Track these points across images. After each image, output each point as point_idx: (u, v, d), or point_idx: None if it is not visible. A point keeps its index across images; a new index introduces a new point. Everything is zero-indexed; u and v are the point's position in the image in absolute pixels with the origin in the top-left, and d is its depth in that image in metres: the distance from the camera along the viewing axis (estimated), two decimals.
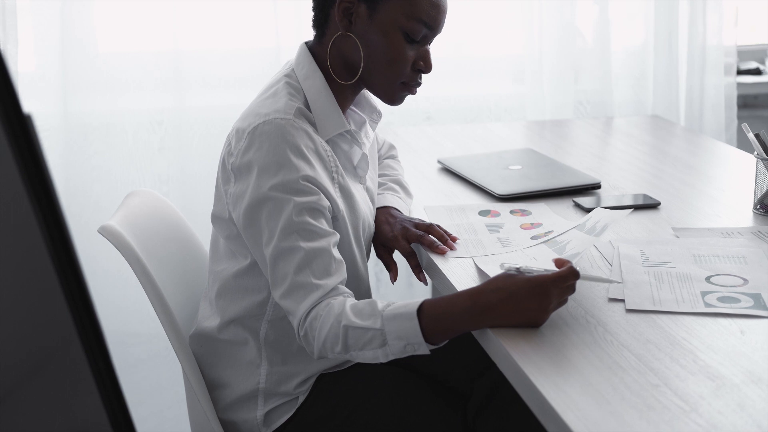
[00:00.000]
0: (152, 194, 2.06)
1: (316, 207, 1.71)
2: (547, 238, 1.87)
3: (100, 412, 0.88)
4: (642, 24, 3.27)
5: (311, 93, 1.82)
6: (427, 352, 1.61)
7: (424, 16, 1.80)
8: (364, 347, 1.63)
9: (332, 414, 1.83)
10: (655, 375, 1.41)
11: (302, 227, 1.69)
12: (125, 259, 1.80)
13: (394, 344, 1.61)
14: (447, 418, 1.86)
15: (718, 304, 1.64)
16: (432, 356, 1.98)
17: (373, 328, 1.61)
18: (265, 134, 1.72)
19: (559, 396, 1.35)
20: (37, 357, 0.92)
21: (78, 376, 0.88)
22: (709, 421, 1.29)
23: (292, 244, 1.68)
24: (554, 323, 1.58)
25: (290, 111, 1.75)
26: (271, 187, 1.69)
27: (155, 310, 1.80)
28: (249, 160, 1.72)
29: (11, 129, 0.79)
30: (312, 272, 1.67)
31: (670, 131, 2.98)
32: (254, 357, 1.83)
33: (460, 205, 2.20)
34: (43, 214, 0.82)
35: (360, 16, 1.80)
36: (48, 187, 0.81)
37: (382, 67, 1.82)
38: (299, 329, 1.67)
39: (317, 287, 1.66)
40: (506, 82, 3.28)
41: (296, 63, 1.86)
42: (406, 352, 1.62)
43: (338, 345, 1.63)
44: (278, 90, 1.81)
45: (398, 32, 1.80)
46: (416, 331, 1.59)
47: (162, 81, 2.98)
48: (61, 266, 0.83)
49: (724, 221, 2.07)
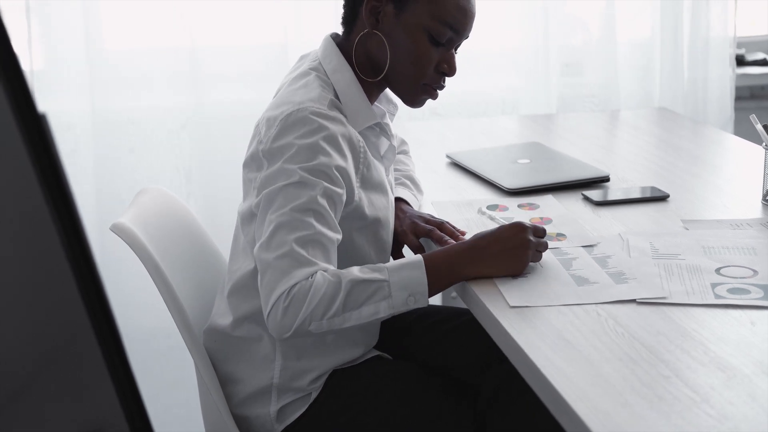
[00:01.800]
0: (162, 191, 2.07)
1: (337, 200, 1.72)
2: (558, 243, 1.88)
3: (116, 407, 0.89)
4: (648, 16, 3.27)
5: (341, 86, 1.83)
6: (425, 303, 1.70)
7: (449, 19, 1.82)
8: (366, 302, 1.65)
9: (345, 410, 1.84)
10: (666, 366, 1.41)
11: (321, 211, 1.69)
12: (137, 255, 1.81)
13: (397, 295, 1.67)
14: (458, 412, 1.86)
15: (728, 295, 1.64)
16: (444, 349, 1.99)
17: (379, 279, 1.66)
18: (299, 121, 1.73)
19: (570, 387, 1.36)
20: (52, 353, 0.92)
21: (93, 371, 0.88)
22: (720, 411, 1.29)
23: (306, 219, 1.67)
24: (565, 315, 1.58)
25: (324, 102, 1.76)
26: (303, 168, 1.69)
27: (167, 305, 1.81)
28: (281, 145, 1.72)
29: (26, 129, 0.80)
30: (312, 251, 1.66)
31: (678, 123, 2.98)
32: (269, 352, 1.83)
33: (468, 199, 2.20)
34: (57, 211, 0.82)
35: (387, 15, 1.82)
36: (63, 185, 0.82)
37: (406, 66, 1.84)
38: (281, 299, 1.63)
39: (313, 264, 1.65)
40: (513, 76, 3.28)
41: (323, 56, 1.87)
42: (407, 304, 1.68)
43: (334, 306, 1.63)
44: (309, 81, 1.81)
45: (423, 33, 1.82)
46: (422, 278, 1.68)
47: (172, 78, 2.98)
48: (76, 262, 0.83)
49: (733, 213, 2.08)
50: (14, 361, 0.92)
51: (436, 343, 2.02)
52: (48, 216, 0.82)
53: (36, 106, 0.80)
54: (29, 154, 0.80)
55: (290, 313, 1.63)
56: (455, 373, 1.97)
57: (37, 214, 0.83)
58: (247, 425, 1.86)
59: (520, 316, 1.59)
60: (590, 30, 3.25)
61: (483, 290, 1.69)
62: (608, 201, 2.15)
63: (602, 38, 3.23)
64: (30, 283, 0.90)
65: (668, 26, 3.23)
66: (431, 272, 1.69)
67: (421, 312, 2.08)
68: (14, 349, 0.92)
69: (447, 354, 1.99)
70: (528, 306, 1.62)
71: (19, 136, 0.79)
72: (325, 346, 1.84)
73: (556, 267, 1.77)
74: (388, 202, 1.90)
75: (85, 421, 0.94)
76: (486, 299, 1.65)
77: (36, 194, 0.82)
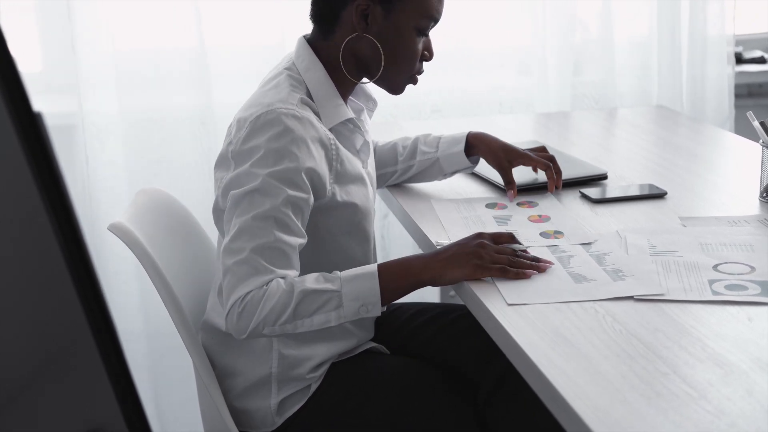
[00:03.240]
0: (161, 191, 2.07)
1: (302, 205, 1.73)
2: (555, 241, 1.89)
3: (114, 407, 0.89)
4: (646, 15, 3.27)
5: (313, 84, 1.85)
6: (378, 313, 1.71)
7: (434, 12, 1.89)
8: (316, 312, 1.68)
9: (344, 403, 1.85)
10: (663, 363, 1.42)
11: (283, 218, 1.71)
12: (135, 255, 1.81)
13: (348, 305, 1.69)
14: (458, 406, 1.87)
15: (726, 291, 1.65)
16: (442, 344, 2.00)
17: (330, 290, 1.68)
18: (267, 123, 1.74)
19: (568, 384, 1.36)
20: (51, 354, 0.92)
21: (91, 372, 0.88)
22: (718, 407, 1.29)
23: (266, 226, 1.69)
24: (562, 312, 1.59)
25: (293, 101, 1.78)
26: (269, 174, 1.71)
27: (165, 304, 1.81)
28: (250, 147, 1.74)
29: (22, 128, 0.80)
30: (269, 258, 1.68)
31: (675, 121, 2.98)
32: (266, 343, 1.85)
33: (467, 198, 2.20)
34: (55, 212, 0.82)
35: (376, 18, 1.85)
36: (60, 186, 0.82)
37: (399, 63, 1.89)
38: (236, 305, 1.67)
39: (270, 271, 1.68)
40: (512, 75, 3.29)
41: (296, 56, 1.90)
42: (359, 314, 1.70)
43: (285, 314, 1.66)
44: (280, 82, 1.83)
45: (413, 30, 1.88)
46: (375, 290, 1.69)
47: (173, 78, 2.97)
48: (74, 263, 0.84)
49: (731, 210, 2.08)
50: (12, 362, 0.92)
51: (435, 338, 2.03)
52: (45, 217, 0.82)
53: (31, 105, 0.80)
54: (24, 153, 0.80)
55: (244, 318, 1.67)
56: (454, 367, 1.98)
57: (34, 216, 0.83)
58: (248, 418, 1.86)
59: (517, 313, 1.59)
60: (589, 28, 3.25)
61: (480, 288, 1.69)
62: (606, 198, 2.15)
63: (600, 37, 3.23)
64: (27, 283, 0.90)
65: (666, 24, 3.24)
66: (386, 280, 1.71)
67: (420, 307, 2.09)
68: (12, 351, 0.92)
69: (446, 348, 2.00)
70: (525, 303, 1.62)
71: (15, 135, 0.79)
72: (320, 334, 1.85)
73: (553, 264, 1.77)
74: (368, 192, 1.92)
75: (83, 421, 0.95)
76: (484, 297, 1.65)
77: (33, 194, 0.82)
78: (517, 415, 1.85)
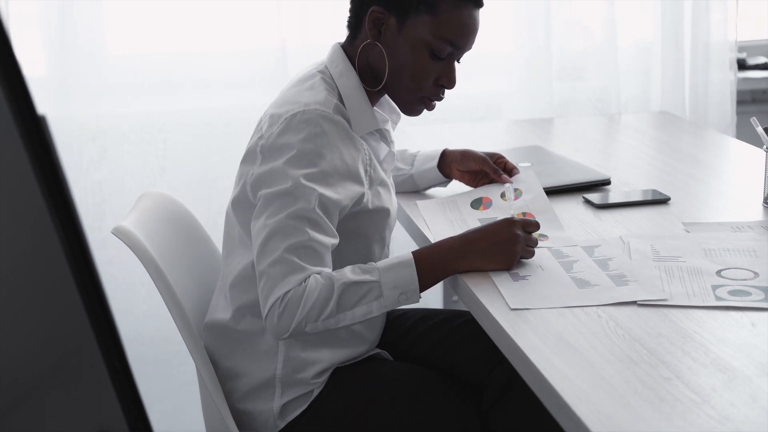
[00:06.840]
0: (164, 195, 2.07)
1: (334, 206, 1.73)
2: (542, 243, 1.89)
3: (117, 411, 0.89)
4: (649, 21, 3.27)
5: (346, 90, 1.84)
6: (417, 300, 1.74)
7: (451, 37, 1.83)
8: (358, 303, 1.69)
9: (347, 408, 1.84)
10: (667, 368, 1.41)
11: (316, 218, 1.71)
12: (138, 258, 1.81)
13: (389, 294, 1.70)
14: (462, 412, 1.87)
15: (729, 297, 1.64)
16: (446, 350, 2.00)
17: (370, 280, 1.70)
18: (304, 122, 1.74)
19: (571, 389, 1.36)
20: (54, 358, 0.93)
21: (95, 377, 0.88)
22: (722, 413, 1.29)
23: (299, 225, 1.70)
24: (566, 317, 1.58)
25: (329, 105, 1.78)
26: (303, 176, 1.71)
27: (168, 307, 1.81)
28: (282, 144, 1.74)
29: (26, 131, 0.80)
30: (304, 256, 1.69)
31: (679, 127, 2.98)
32: (272, 344, 1.84)
33: (451, 196, 2.20)
34: (58, 215, 0.82)
35: (389, 28, 1.83)
36: (63, 190, 0.82)
37: (405, 80, 1.85)
38: (276, 305, 1.67)
39: (304, 269, 1.68)
40: (514, 80, 3.29)
41: (329, 61, 1.89)
42: (399, 302, 1.72)
43: (328, 308, 1.67)
44: (315, 84, 1.83)
45: (424, 49, 1.83)
46: (413, 276, 1.72)
47: (164, 83, 2.98)
48: (77, 268, 0.84)
49: (734, 215, 2.08)
50: (18, 366, 0.92)
51: (439, 344, 2.03)
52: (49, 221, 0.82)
53: (35, 109, 0.80)
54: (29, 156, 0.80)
55: (285, 317, 1.67)
56: (459, 372, 1.97)
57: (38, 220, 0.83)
58: (250, 420, 1.86)
59: (520, 318, 1.59)
60: (592, 34, 3.25)
61: (484, 293, 1.69)
62: (609, 204, 2.15)
63: (604, 42, 3.23)
64: (31, 288, 0.90)
65: (669, 30, 3.24)
66: (422, 269, 1.73)
67: (423, 314, 2.09)
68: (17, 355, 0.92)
69: (451, 354, 2.00)
70: (529, 308, 1.62)
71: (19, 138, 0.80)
72: (329, 339, 1.85)
73: (556, 269, 1.77)
74: (392, 199, 1.93)
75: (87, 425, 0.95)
76: (487, 302, 1.65)
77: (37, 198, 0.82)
78: (521, 420, 1.85)
